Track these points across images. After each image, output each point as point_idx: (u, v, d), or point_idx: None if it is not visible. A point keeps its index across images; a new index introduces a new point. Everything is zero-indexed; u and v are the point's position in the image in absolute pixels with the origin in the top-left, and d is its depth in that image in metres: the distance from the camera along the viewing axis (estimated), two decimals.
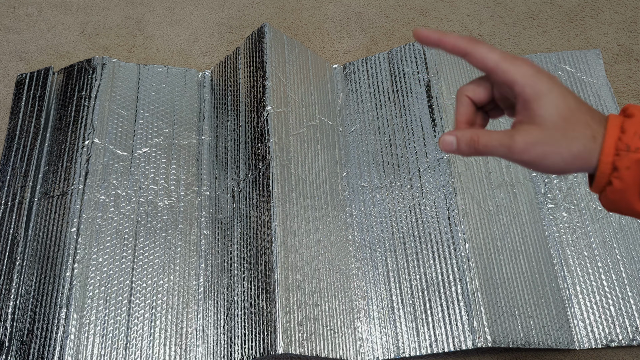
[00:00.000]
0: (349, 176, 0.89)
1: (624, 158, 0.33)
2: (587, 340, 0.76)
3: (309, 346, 0.70)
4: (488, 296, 0.73)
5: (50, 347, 0.73)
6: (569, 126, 0.34)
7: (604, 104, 0.93)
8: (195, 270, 0.82)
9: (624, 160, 0.33)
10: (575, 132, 0.34)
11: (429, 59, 0.90)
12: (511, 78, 0.36)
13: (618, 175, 0.33)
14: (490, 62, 0.36)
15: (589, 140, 0.34)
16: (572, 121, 0.34)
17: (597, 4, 1.07)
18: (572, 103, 0.34)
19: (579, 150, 0.34)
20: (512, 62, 0.36)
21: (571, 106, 0.34)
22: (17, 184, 0.88)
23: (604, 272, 0.80)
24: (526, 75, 0.35)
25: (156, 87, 0.95)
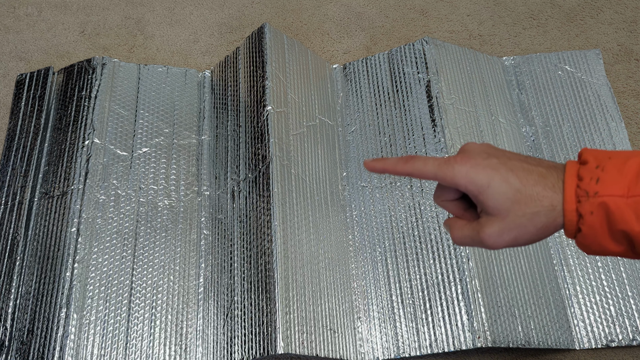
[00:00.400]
0: (349, 176, 0.89)
1: (585, 204, 0.34)
2: (587, 340, 0.76)
3: (309, 346, 0.70)
4: (488, 296, 0.73)
5: (50, 347, 0.73)
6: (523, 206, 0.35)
7: (604, 104, 0.93)
8: (195, 270, 0.82)
9: (585, 206, 0.34)
10: (532, 208, 0.35)
11: (429, 59, 0.90)
12: (453, 183, 0.37)
13: (583, 222, 0.34)
14: (429, 174, 0.38)
15: (549, 210, 0.35)
16: (523, 201, 0.35)
17: (597, 4, 1.07)
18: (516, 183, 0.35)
19: (543, 223, 0.35)
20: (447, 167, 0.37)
21: (516, 186, 0.35)
22: (17, 184, 0.88)
23: (604, 272, 0.80)
24: (464, 175, 0.36)
25: (156, 87, 0.95)
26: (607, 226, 0.34)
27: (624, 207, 0.33)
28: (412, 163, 0.39)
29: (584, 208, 0.34)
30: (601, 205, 0.33)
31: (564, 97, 0.94)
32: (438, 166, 0.37)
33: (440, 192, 0.41)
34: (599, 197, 0.33)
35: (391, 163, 0.40)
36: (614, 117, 0.92)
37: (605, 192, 0.33)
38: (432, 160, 0.38)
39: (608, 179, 0.34)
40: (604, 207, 0.33)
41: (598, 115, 0.92)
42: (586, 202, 0.34)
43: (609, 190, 0.33)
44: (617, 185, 0.33)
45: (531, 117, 0.93)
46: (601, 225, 0.34)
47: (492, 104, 0.92)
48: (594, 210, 0.34)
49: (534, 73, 0.97)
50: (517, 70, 0.98)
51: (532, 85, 0.96)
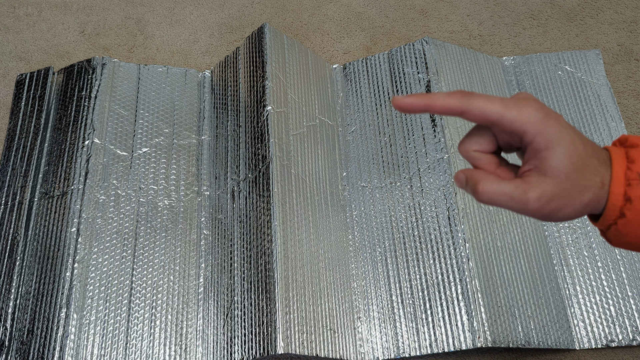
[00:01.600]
0: (349, 176, 0.89)
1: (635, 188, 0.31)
2: (587, 340, 0.76)
3: (309, 346, 0.70)
4: (488, 296, 0.73)
5: (50, 347, 0.73)
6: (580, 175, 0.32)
7: (604, 104, 0.93)
8: (195, 270, 0.82)
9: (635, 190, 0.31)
10: (586, 181, 0.32)
11: (429, 59, 0.90)
12: (520, 128, 0.32)
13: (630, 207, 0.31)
14: (493, 114, 0.33)
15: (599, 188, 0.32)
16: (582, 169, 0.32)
17: (597, 4, 1.07)
18: (581, 148, 0.32)
19: (589, 200, 0.32)
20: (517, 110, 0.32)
21: (580, 152, 0.32)
22: (17, 184, 0.88)
23: (604, 272, 0.80)
24: (535, 123, 0.32)
25: (156, 87, 0.95)
26: None
27: None
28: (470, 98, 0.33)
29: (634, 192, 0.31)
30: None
31: (564, 97, 0.94)
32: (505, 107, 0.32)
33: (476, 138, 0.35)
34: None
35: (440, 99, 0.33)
36: (614, 117, 0.92)
37: None
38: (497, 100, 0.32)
39: None
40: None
41: (598, 115, 0.92)
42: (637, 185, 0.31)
43: None
44: None
45: None
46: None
47: None
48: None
49: (534, 73, 0.97)
50: (517, 70, 0.98)
51: (532, 85, 0.96)
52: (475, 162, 0.35)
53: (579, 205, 0.32)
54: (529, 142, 0.32)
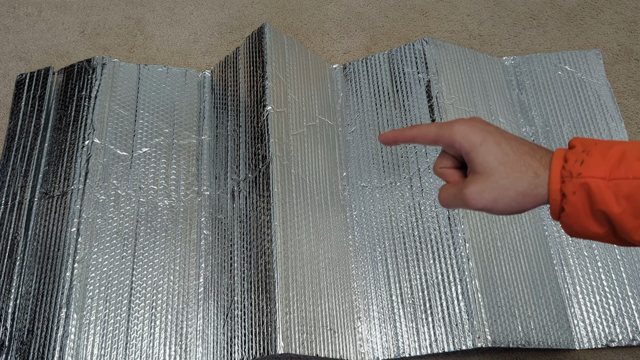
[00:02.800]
0: (349, 176, 0.89)
1: (568, 184, 0.36)
2: (587, 340, 0.76)
3: (309, 346, 0.70)
4: (488, 296, 0.73)
5: (50, 347, 0.73)
6: (509, 168, 0.37)
7: (604, 104, 0.93)
8: (195, 270, 0.82)
9: (568, 186, 0.36)
10: (516, 172, 0.37)
11: (429, 59, 0.90)
12: (450, 139, 0.40)
13: (567, 201, 0.36)
14: (431, 134, 0.41)
15: (532, 177, 0.37)
16: (509, 164, 0.37)
17: (597, 4, 1.07)
18: (506, 148, 0.38)
19: (524, 188, 0.37)
20: (448, 126, 0.40)
21: (506, 150, 0.38)
22: (17, 184, 0.88)
23: (604, 272, 0.80)
24: (461, 133, 0.39)
25: (156, 87, 0.95)
26: (589, 206, 0.35)
27: (605, 188, 0.34)
28: (417, 128, 0.42)
29: (567, 188, 0.36)
30: (583, 185, 0.35)
31: (564, 97, 0.94)
32: (439, 126, 0.41)
33: (440, 159, 0.44)
34: (581, 177, 0.35)
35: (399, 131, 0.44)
36: (614, 117, 0.92)
37: (588, 173, 0.35)
38: (436, 123, 0.42)
39: (592, 162, 0.35)
40: (586, 188, 0.35)
41: (598, 115, 0.92)
42: (569, 182, 0.36)
43: (592, 172, 0.35)
44: (600, 168, 0.35)
45: (531, 117, 0.93)
46: (583, 205, 0.35)
47: (492, 104, 0.92)
48: (576, 190, 0.35)
49: (534, 73, 0.97)
50: (517, 70, 0.98)
51: (532, 85, 0.96)
52: (444, 177, 0.43)
53: (514, 193, 0.37)
54: (459, 149, 0.40)
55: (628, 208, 0.34)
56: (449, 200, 0.41)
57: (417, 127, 0.43)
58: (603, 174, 0.35)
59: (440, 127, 0.41)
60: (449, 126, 0.40)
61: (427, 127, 0.42)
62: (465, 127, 0.39)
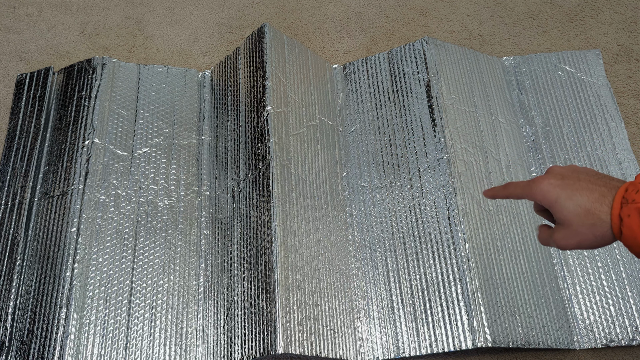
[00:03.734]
0: (349, 176, 0.89)
1: (625, 209, 0.41)
2: (587, 340, 0.76)
3: (309, 346, 0.70)
4: (488, 296, 0.73)
5: (50, 347, 0.73)
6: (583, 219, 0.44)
7: (604, 104, 0.93)
8: (195, 270, 0.82)
9: (625, 210, 0.41)
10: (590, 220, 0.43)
11: (429, 59, 0.90)
12: (533, 198, 0.47)
13: (623, 224, 0.41)
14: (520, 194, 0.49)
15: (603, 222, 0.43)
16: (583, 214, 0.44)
17: (597, 4, 1.07)
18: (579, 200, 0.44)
19: (600, 232, 0.43)
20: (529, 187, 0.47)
21: (579, 203, 0.44)
22: (17, 184, 0.88)
23: (604, 272, 0.80)
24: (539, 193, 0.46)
25: (156, 87, 0.95)
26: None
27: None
28: (508, 188, 0.51)
29: (624, 212, 0.41)
30: (637, 209, 0.40)
31: (564, 97, 0.94)
32: (524, 187, 0.48)
33: (536, 204, 0.51)
34: (635, 203, 0.41)
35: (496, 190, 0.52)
36: (614, 117, 0.92)
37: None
38: (521, 183, 0.49)
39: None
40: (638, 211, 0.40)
41: (598, 115, 0.92)
42: (626, 207, 0.41)
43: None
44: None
45: (531, 117, 0.93)
46: (638, 227, 0.40)
47: (492, 104, 0.92)
48: (631, 213, 0.41)
49: (534, 73, 0.97)
50: (517, 70, 0.98)
51: (532, 85, 0.96)
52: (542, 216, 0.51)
53: (592, 237, 0.44)
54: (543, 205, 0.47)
55: None
56: (545, 242, 0.49)
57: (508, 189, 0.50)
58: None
59: (525, 188, 0.48)
60: (530, 187, 0.47)
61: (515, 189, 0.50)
62: (542, 187, 0.46)
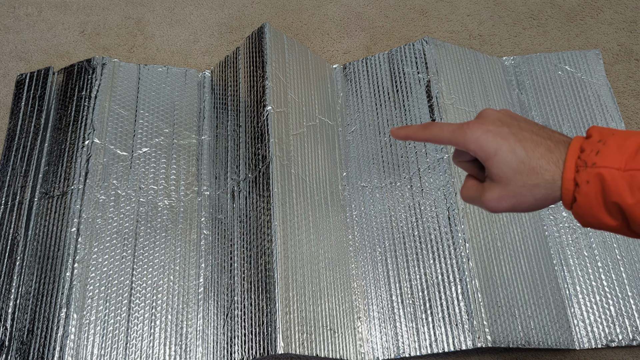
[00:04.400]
0: (349, 176, 0.89)
1: (582, 173, 0.35)
2: (587, 340, 0.76)
3: (309, 346, 0.70)
4: (488, 296, 0.73)
5: (50, 347, 0.73)
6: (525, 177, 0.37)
7: (604, 104, 0.93)
8: (195, 270, 0.82)
9: (582, 175, 0.35)
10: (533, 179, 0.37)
11: (429, 59, 0.90)
12: (464, 147, 0.40)
13: (579, 190, 0.35)
14: (444, 139, 0.41)
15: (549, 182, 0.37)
16: (525, 172, 0.37)
17: (597, 4, 1.07)
18: (521, 154, 0.37)
19: (542, 194, 0.37)
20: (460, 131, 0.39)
21: (521, 158, 0.37)
22: (17, 184, 0.88)
23: (604, 272, 0.80)
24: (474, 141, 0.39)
25: (156, 87, 0.95)
26: (602, 197, 0.35)
27: (619, 179, 0.34)
28: (430, 129, 0.42)
29: (581, 177, 0.35)
30: (597, 175, 0.35)
31: (564, 97, 0.94)
32: (452, 131, 0.40)
33: (458, 153, 0.43)
34: (596, 167, 0.35)
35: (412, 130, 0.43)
36: (614, 117, 0.92)
37: (603, 163, 0.34)
38: (448, 126, 0.41)
39: (607, 152, 0.35)
40: (600, 178, 0.34)
41: (598, 115, 0.92)
42: (584, 171, 0.35)
43: (607, 162, 0.34)
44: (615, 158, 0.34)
45: (531, 117, 0.93)
46: (596, 195, 0.35)
47: (492, 104, 0.92)
48: (590, 179, 0.35)
49: (534, 73, 0.97)
50: (517, 70, 0.98)
51: (532, 85, 0.96)
52: (462, 167, 0.43)
53: (532, 199, 0.37)
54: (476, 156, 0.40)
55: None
56: (469, 200, 0.42)
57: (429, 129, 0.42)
58: (618, 165, 0.34)
59: (454, 133, 0.40)
60: (462, 132, 0.39)
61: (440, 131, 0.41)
62: (479, 135, 0.39)
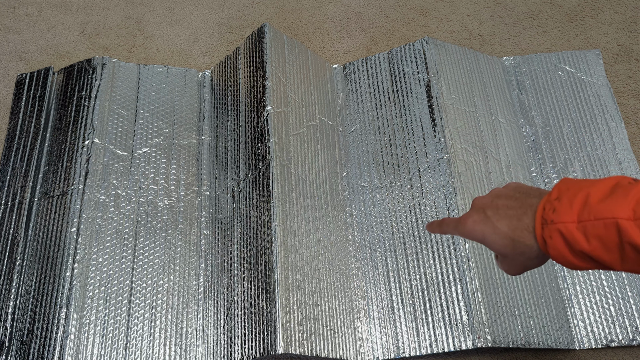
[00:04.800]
0: (349, 176, 0.89)
1: (545, 230, 0.40)
2: (587, 340, 0.76)
3: (309, 346, 0.70)
4: (488, 296, 0.73)
5: (50, 347, 0.73)
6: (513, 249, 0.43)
7: (604, 104, 0.93)
8: (195, 270, 0.82)
9: (546, 232, 0.40)
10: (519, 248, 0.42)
11: (429, 59, 0.90)
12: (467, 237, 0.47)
13: (548, 245, 0.40)
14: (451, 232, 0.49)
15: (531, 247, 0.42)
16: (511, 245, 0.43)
17: (597, 4, 1.07)
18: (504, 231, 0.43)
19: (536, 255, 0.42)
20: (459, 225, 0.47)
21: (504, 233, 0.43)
22: (17, 184, 0.88)
23: (604, 272, 0.80)
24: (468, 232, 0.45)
25: (156, 87, 0.95)
26: (568, 247, 0.39)
27: (574, 231, 0.38)
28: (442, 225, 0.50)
29: (545, 233, 0.40)
30: (557, 230, 0.39)
31: (564, 97, 0.94)
32: (455, 226, 0.48)
33: None
34: (554, 224, 0.39)
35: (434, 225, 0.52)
36: (614, 117, 0.92)
37: (558, 219, 0.39)
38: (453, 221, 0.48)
39: (561, 209, 0.39)
40: (559, 232, 0.39)
41: (598, 115, 0.92)
42: (546, 228, 0.40)
43: (562, 218, 0.39)
44: (567, 214, 0.39)
45: (531, 117, 0.93)
46: (562, 247, 0.39)
47: (492, 104, 0.92)
48: (552, 234, 0.39)
49: (534, 73, 0.97)
50: (517, 70, 0.98)
51: (532, 85, 0.96)
52: None
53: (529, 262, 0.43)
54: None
55: (598, 246, 0.38)
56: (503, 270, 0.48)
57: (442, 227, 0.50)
58: (571, 219, 0.38)
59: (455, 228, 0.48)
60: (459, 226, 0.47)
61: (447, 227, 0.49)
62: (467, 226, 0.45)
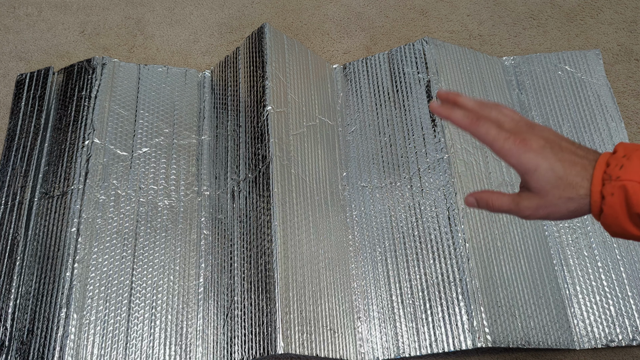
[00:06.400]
0: (349, 176, 0.89)
1: (607, 186, 0.38)
2: (587, 340, 0.76)
3: (309, 346, 0.70)
4: (488, 296, 0.73)
5: (50, 347, 0.73)
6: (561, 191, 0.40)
7: (604, 104, 0.93)
8: (195, 270, 0.82)
9: (607, 188, 0.38)
10: (567, 194, 0.40)
11: (429, 59, 0.90)
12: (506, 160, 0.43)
13: (605, 202, 0.38)
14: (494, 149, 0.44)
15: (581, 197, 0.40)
16: (562, 187, 0.40)
17: (597, 4, 1.07)
18: (560, 171, 0.40)
19: (574, 207, 0.41)
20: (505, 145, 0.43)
21: (559, 174, 0.40)
22: (17, 184, 0.88)
23: (604, 272, 0.80)
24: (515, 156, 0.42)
25: (156, 87, 0.95)
26: (626, 208, 0.37)
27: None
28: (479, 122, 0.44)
29: (606, 190, 0.38)
30: (621, 187, 0.37)
31: (564, 97, 0.94)
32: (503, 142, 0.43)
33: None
34: (620, 180, 0.37)
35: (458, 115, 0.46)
36: (614, 117, 0.92)
37: (626, 176, 0.37)
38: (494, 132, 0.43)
39: (630, 166, 0.38)
40: (623, 190, 0.37)
41: (598, 115, 0.92)
42: (609, 184, 0.38)
43: (630, 175, 0.37)
44: (638, 171, 0.37)
45: (531, 117, 0.93)
46: (620, 206, 0.37)
47: None
48: (614, 192, 0.38)
49: (534, 73, 0.97)
50: (517, 70, 0.98)
51: (532, 85, 0.96)
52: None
53: (565, 210, 0.41)
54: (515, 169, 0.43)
55: None
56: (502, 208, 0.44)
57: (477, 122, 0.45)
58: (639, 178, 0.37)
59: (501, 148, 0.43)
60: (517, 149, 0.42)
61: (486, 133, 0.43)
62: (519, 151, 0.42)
